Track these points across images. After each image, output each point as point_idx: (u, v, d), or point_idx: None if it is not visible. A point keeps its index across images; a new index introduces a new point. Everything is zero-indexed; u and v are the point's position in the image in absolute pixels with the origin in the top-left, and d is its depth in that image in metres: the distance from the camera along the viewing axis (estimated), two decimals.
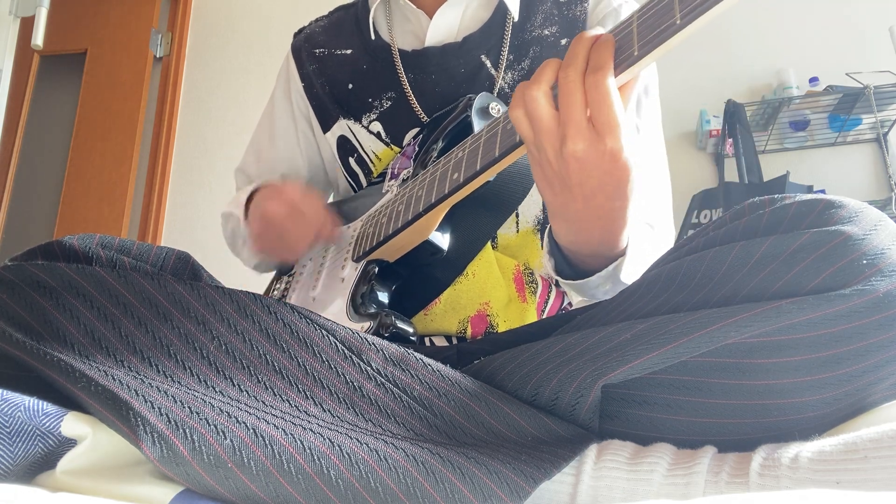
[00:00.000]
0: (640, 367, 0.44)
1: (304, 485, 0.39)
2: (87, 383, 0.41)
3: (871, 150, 2.19)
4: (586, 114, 0.52)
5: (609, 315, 0.53)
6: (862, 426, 0.41)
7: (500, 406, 0.47)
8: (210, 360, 0.47)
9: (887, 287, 0.41)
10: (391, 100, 0.90)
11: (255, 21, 2.69)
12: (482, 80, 0.87)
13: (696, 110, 2.26)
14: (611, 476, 0.43)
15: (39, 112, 2.63)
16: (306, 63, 0.99)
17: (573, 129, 0.52)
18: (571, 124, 0.52)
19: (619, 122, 0.52)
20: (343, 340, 0.49)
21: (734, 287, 0.45)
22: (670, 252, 0.55)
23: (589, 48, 0.54)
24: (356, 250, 0.82)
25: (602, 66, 0.52)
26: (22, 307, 0.48)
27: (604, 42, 0.53)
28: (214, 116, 2.62)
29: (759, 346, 0.43)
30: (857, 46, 2.22)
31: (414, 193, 0.75)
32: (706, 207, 2.05)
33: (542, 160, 0.56)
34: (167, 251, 0.58)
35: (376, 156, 0.92)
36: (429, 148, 0.82)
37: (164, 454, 0.38)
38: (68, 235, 0.55)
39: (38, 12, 2.16)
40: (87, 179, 2.51)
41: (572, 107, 0.52)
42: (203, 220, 2.49)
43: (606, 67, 0.52)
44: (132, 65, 2.63)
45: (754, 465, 0.40)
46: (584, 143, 0.52)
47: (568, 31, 0.88)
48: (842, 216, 0.45)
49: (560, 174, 0.55)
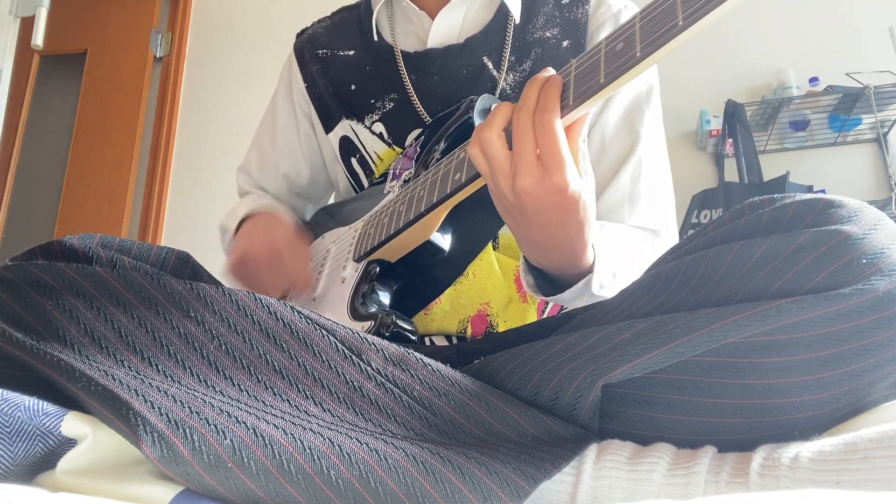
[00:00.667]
0: (639, 367, 0.44)
1: (304, 485, 0.39)
2: (87, 383, 0.41)
3: (871, 150, 2.19)
4: (535, 152, 0.56)
5: (609, 315, 0.53)
6: (862, 426, 0.41)
7: (500, 406, 0.47)
8: (210, 360, 0.47)
9: (887, 286, 0.41)
10: (394, 101, 0.91)
11: (255, 21, 2.69)
12: (484, 81, 0.87)
13: (696, 110, 2.26)
14: (611, 476, 0.43)
15: (39, 112, 2.63)
16: (309, 63, 0.99)
17: (523, 168, 0.56)
18: (521, 163, 0.56)
19: (563, 159, 0.56)
20: (343, 340, 0.49)
21: (734, 286, 0.45)
22: (670, 252, 0.55)
23: (539, 90, 0.58)
24: (357, 250, 0.82)
25: (549, 107, 0.56)
26: (22, 307, 0.48)
27: (552, 84, 0.57)
28: (214, 116, 2.62)
29: (758, 346, 0.43)
30: (856, 46, 2.22)
31: (416, 194, 0.75)
32: (706, 207, 2.05)
33: (499, 194, 0.60)
34: (167, 251, 0.58)
35: (378, 156, 0.92)
36: (431, 149, 0.82)
37: (164, 454, 0.38)
38: (68, 235, 0.55)
39: (38, 12, 2.16)
40: (87, 179, 2.51)
41: (523, 146, 0.57)
42: (203, 220, 2.49)
43: (552, 108, 0.56)
44: (132, 65, 2.63)
45: (754, 465, 0.40)
46: (533, 180, 0.56)
47: (570, 33, 0.88)
48: (841, 216, 0.45)
49: (516, 206, 0.59)
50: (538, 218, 0.59)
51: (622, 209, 0.85)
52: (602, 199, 0.86)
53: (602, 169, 0.87)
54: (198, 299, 0.49)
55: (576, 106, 0.56)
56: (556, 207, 0.58)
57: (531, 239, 0.63)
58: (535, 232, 0.61)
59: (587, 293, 0.68)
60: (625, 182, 0.85)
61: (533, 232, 0.61)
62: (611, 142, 0.87)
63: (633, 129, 0.87)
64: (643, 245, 0.82)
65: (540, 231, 0.60)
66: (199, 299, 0.49)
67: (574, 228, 0.61)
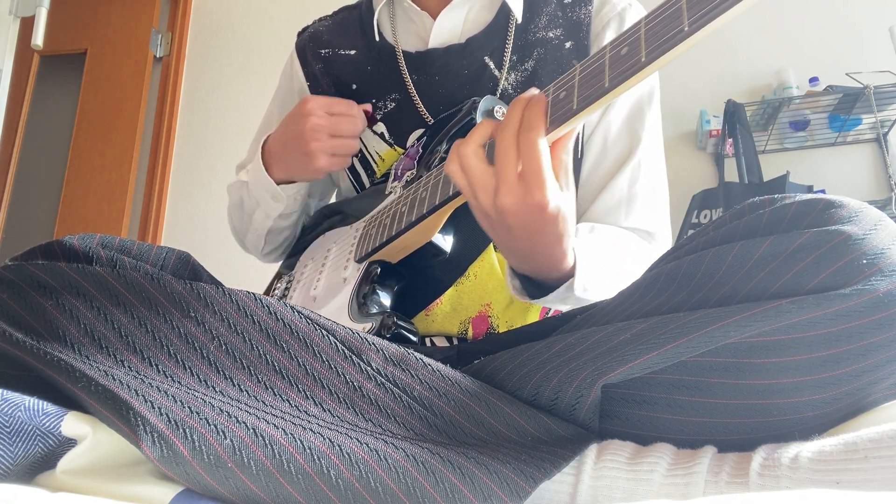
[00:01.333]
0: (639, 367, 0.44)
1: (304, 485, 0.39)
2: (87, 383, 0.41)
3: (871, 150, 2.19)
4: (517, 170, 0.58)
5: (609, 315, 0.53)
6: (862, 426, 0.41)
7: (500, 406, 0.47)
8: (210, 360, 0.47)
9: (887, 287, 0.41)
10: (395, 101, 0.91)
11: (255, 21, 2.69)
12: (486, 81, 0.87)
13: (696, 110, 2.26)
14: (611, 476, 0.43)
15: (39, 112, 2.63)
16: (311, 63, 0.99)
17: (505, 186, 0.58)
18: (503, 181, 0.58)
19: (545, 178, 0.57)
20: (343, 340, 0.49)
21: (734, 287, 0.45)
22: (670, 252, 0.55)
23: (523, 109, 0.59)
24: (359, 251, 0.82)
25: (533, 126, 0.57)
26: (22, 307, 0.48)
27: (536, 103, 0.58)
28: (214, 116, 2.62)
29: (758, 346, 0.43)
30: (856, 46, 2.22)
31: (418, 195, 0.75)
32: (706, 207, 2.05)
33: (478, 207, 0.62)
34: (167, 251, 0.58)
35: (380, 156, 0.92)
36: (433, 150, 0.82)
37: (164, 454, 0.38)
38: (68, 235, 0.55)
39: (38, 12, 2.16)
40: (87, 179, 2.51)
41: (506, 165, 0.58)
42: (203, 220, 2.49)
43: (537, 127, 0.57)
44: (132, 65, 2.63)
45: (754, 465, 0.40)
46: (514, 198, 0.58)
47: (573, 33, 0.88)
48: (842, 216, 0.45)
49: (497, 221, 0.61)
50: (518, 231, 0.61)
51: (619, 211, 0.85)
52: (599, 201, 0.86)
53: (602, 170, 0.87)
54: (198, 299, 0.49)
55: (579, 110, 0.56)
56: (536, 222, 0.59)
57: (511, 248, 0.65)
58: (516, 242, 0.63)
59: (571, 296, 0.69)
60: (623, 185, 0.86)
61: (513, 242, 0.63)
62: (613, 144, 0.87)
63: (634, 131, 0.87)
64: (634, 247, 0.82)
65: (520, 241, 0.62)
66: (199, 299, 0.49)
67: (553, 240, 0.62)
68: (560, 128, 0.58)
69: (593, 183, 0.88)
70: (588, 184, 0.88)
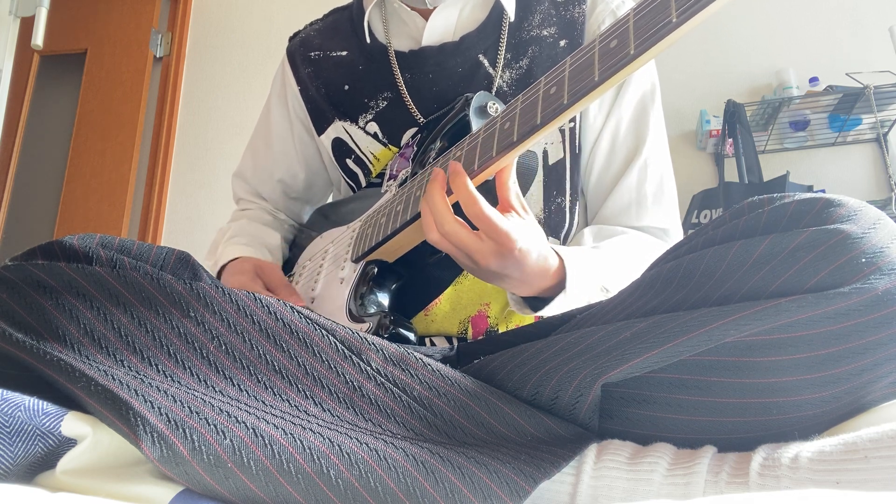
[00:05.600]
0: (639, 366, 0.44)
1: (304, 484, 0.39)
2: (87, 383, 0.41)
3: (871, 150, 2.19)
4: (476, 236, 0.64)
5: (608, 314, 0.53)
6: (862, 426, 0.41)
7: (499, 406, 0.47)
8: (210, 360, 0.47)
9: (886, 285, 0.41)
10: (387, 100, 0.91)
11: (255, 21, 2.69)
12: (480, 79, 0.87)
13: (696, 110, 2.26)
14: (611, 476, 0.43)
15: (39, 112, 2.63)
16: (301, 67, 0.99)
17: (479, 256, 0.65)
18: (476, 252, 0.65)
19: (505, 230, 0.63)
20: (343, 340, 0.49)
21: (733, 285, 0.45)
22: (670, 251, 0.55)
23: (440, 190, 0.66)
24: (355, 251, 0.82)
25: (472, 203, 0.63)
26: (22, 307, 0.48)
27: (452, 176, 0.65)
28: (214, 116, 2.61)
29: (758, 345, 0.43)
30: (857, 46, 2.22)
31: (413, 193, 0.75)
32: (706, 207, 2.05)
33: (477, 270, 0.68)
34: (167, 251, 0.58)
35: (374, 156, 0.92)
36: (427, 148, 0.82)
37: (164, 454, 0.38)
38: (68, 235, 0.55)
39: (38, 12, 2.16)
40: (87, 179, 2.51)
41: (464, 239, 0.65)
42: (203, 220, 2.49)
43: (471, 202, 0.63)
44: (132, 65, 2.62)
45: (754, 465, 0.40)
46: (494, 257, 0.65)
47: (566, 32, 0.88)
48: (841, 215, 0.45)
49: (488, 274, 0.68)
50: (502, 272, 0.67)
51: (629, 211, 0.86)
52: (610, 201, 0.87)
53: (611, 171, 0.88)
54: (198, 299, 0.49)
55: (570, 105, 0.56)
56: (516, 262, 0.66)
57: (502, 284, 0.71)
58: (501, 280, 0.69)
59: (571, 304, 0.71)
60: (631, 185, 0.86)
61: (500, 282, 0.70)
62: (622, 143, 0.87)
63: (640, 129, 0.87)
64: (647, 251, 0.83)
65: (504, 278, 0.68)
66: (199, 299, 0.49)
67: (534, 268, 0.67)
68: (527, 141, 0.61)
69: (604, 184, 0.88)
70: (599, 185, 0.89)
